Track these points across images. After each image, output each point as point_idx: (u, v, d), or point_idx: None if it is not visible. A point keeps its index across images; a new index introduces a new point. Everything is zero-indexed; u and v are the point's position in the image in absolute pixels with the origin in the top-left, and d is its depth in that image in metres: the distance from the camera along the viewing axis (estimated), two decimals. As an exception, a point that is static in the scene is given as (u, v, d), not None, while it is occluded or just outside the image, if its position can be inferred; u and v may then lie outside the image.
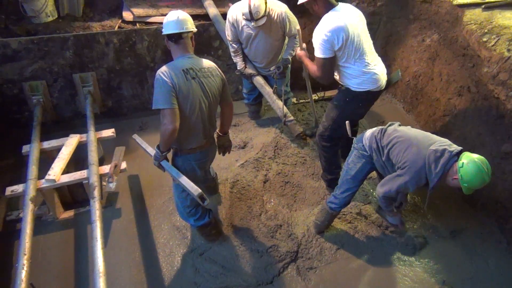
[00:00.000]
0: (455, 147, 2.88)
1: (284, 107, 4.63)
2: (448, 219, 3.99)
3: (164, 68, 2.82)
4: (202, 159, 3.22)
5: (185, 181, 3.05)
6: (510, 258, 3.69)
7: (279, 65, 4.45)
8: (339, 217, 3.92)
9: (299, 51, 3.79)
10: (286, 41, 4.46)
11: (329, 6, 3.37)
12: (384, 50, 5.61)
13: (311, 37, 3.42)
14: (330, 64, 3.40)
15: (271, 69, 4.51)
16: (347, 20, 3.29)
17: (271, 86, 4.68)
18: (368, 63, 3.44)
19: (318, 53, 3.36)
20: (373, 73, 3.45)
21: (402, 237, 3.78)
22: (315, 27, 3.38)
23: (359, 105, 3.68)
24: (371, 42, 3.56)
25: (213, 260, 3.60)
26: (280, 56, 4.52)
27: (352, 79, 3.50)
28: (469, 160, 2.74)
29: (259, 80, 4.66)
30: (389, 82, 3.70)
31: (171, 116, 2.77)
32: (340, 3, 3.41)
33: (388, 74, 3.68)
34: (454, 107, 4.42)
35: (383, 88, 3.59)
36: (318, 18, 3.41)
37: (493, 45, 3.73)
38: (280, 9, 4.16)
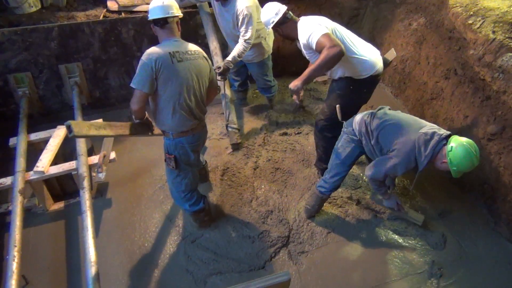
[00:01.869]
0: (444, 131, 2.94)
1: (232, 114, 4.55)
2: (436, 201, 4.04)
3: (150, 50, 2.83)
4: (194, 142, 3.22)
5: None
6: (497, 238, 3.76)
7: (220, 65, 4.14)
8: (330, 201, 3.95)
9: (293, 84, 3.32)
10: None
11: (295, 24, 3.47)
12: (372, 35, 5.62)
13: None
14: (333, 35, 3.21)
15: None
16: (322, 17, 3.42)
17: (247, 75, 4.74)
18: (361, 51, 3.44)
19: (318, 33, 3.17)
20: (368, 59, 3.44)
21: (420, 224, 3.76)
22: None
23: (364, 91, 3.65)
24: (353, 34, 3.56)
25: (205, 247, 3.62)
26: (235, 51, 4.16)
27: (350, 70, 3.48)
28: (458, 144, 2.79)
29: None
30: (385, 62, 3.70)
31: (136, 98, 2.89)
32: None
33: (382, 55, 3.69)
34: (441, 90, 4.46)
35: (381, 70, 3.58)
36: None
37: (478, 28, 3.76)
38: (244, 5, 3.95)
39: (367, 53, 3.46)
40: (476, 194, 4.01)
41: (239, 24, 4.03)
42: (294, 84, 3.29)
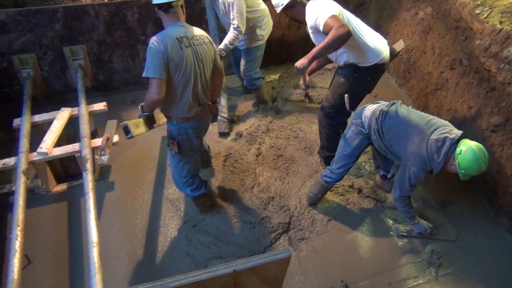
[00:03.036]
0: (455, 133, 2.95)
1: (223, 102, 4.55)
2: (437, 191, 4.05)
3: (157, 37, 2.79)
4: (198, 127, 3.22)
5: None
6: (497, 230, 3.78)
7: None
8: (331, 189, 3.96)
9: (299, 62, 3.30)
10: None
11: (303, 6, 3.45)
12: (378, 24, 5.58)
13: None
14: (340, 16, 3.20)
15: None
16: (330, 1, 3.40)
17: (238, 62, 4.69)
18: (367, 38, 3.42)
19: (325, 14, 3.16)
20: (374, 46, 3.42)
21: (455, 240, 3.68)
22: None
23: (368, 79, 3.62)
24: (360, 21, 3.55)
25: (206, 231, 3.64)
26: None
27: (355, 56, 3.46)
28: (467, 148, 2.83)
29: None
30: (392, 52, 3.68)
31: (157, 87, 2.79)
32: None
33: (390, 45, 3.66)
34: (446, 80, 4.43)
35: (388, 59, 3.55)
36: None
37: (485, 18, 3.72)
38: None
39: (373, 41, 3.44)
40: (477, 185, 4.01)
41: (228, 12, 4.00)
42: (301, 62, 3.27)
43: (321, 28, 3.22)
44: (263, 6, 4.32)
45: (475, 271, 3.46)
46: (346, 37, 3.10)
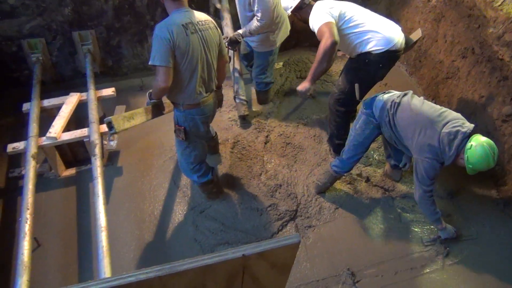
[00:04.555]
0: (467, 127, 2.94)
1: (241, 86, 4.46)
2: (445, 180, 4.02)
3: (163, 24, 2.77)
4: (205, 114, 3.21)
5: None
6: (506, 221, 3.75)
7: (228, 35, 4.09)
8: (339, 178, 3.95)
9: (301, 86, 3.50)
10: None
11: (311, 8, 3.54)
12: (388, 11, 5.51)
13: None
14: (333, 26, 3.32)
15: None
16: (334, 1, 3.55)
17: (251, 62, 4.64)
18: (375, 26, 3.42)
19: (319, 22, 3.33)
20: (383, 33, 3.40)
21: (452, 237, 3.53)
22: None
23: (379, 66, 3.57)
24: (368, 11, 3.59)
25: (213, 217, 3.66)
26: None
27: (365, 44, 3.44)
28: (478, 143, 2.83)
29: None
30: (408, 42, 3.65)
31: (165, 75, 2.78)
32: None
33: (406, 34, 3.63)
34: (457, 69, 4.38)
35: (402, 47, 3.52)
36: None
37: (499, 5, 3.66)
38: None
39: (382, 28, 3.42)
40: (486, 175, 3.97)
41: (252, 3, 3.87)
42: (303, 86, 3.49)
43: (316, 32, 3.38)
44: (283, 11, 4.11)
45: (483, 261, 3.45)
46: (332, 48, 3.26)
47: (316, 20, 3.36)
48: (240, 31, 4.04)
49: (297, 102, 4.88)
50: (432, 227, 3.65)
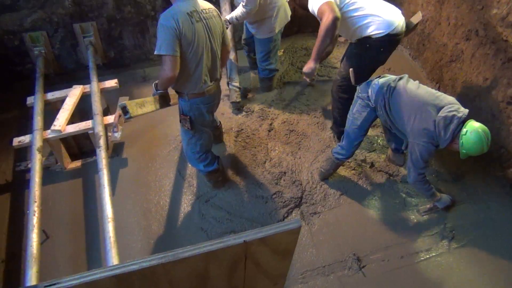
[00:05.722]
0: (463, 112, 2.97)
1: (234, 72, 4.45)
2: (451, 164, 4.01)
3: (168, 13, 2.75)
4: (210, 102, 3.21)
5: None
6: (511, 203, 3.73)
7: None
8: (343, 164, 3.95)
9: (306, 67, 3.45)
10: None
11: None
12: (391, -5, 5.45)
13: None
14: (333, 4, 3.24)
15: None
16: None
17: (253, 48, 4.60)
18: (377, 10, 3.37)
19: (318, 2, 3.24)
20: (383, 17, 3.35)
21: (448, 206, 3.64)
22: None
23: (381, 51, 3.54)
24: None
25: (218, 206, 3.68)
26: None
27: (365, 28, 3.40)
28: (472, 130, 2.88)
29: None
30: (409, 25, 3.61)
31: (171, 63, 2.76)
32: None
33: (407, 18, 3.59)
34: (461, 52, 4.33)
35: (402, 31, 3.47)
36: None
37: (503, -15, 3.60)
38: None
39: (383, 12, 3.37)
40: (492, 158, 3.95)
41: None
42: (308, 66, 3.43)
43: (316, 14, 3.31)
44: None
45: (489, 243, 3.45)
46: (334, 24, 3.19)
47: (316, 1, 3.28)
48: (227, 17, 4.03)
49: (300, 89, 4.87)
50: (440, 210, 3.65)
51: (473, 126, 2.88)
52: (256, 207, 3.68)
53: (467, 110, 2.98)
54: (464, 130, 2.90)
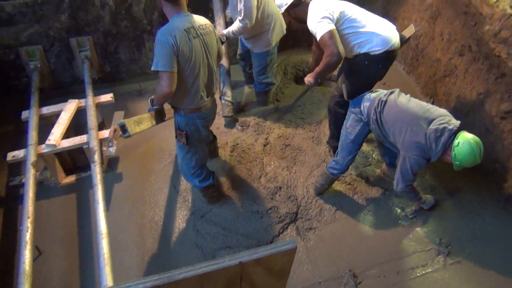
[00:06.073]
0: (454, 124, 2.98)
1: (227, 86, 4.45)
2: (446, 179, 4.02)
3: (165, 29, 2.76)
4: (206, 118, 3.22)
5: None
6: (507, 217, 3.74)
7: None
8: (339, 179, 3.95)
9: (307, 80, 3.58)
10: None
11: (307, 6, 3.51)
12: (385, 10, 5.51)
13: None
14: (336, 35, 3.28)
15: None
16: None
17: (248, 63, 4.64)
18: (373, 27, 3.40)
19: (321, 31, 3.26)
20: (382, 34, 3.38)
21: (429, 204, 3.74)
22: None
23: (379, 67, 3.58)
24: (365, 11, 3.55)
25: (214, 221, 3.66)
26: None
27: (364, 45, 3.43)
28: (464, 141, 2.89)
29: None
30: (402, 38, 3.64)
31: (169, 80, 2.76)
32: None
33: (399, 31, 3.62)
34: (454, 67, 4.37)
35: (398, 46, 3.51)
36: None
37: (495, 2, 3.65)
38: None
39: (381, 29, 3.40)
40: (487, 172, 3.97)
41: (237, 3, 3.84)
42: (308, 80, 3.56)
43: (317, 38, 3.34)
44: (276, 10, 4.11)
45: (484, 259, 3.44)
46: (337, 63, 3.33)
47: (317, 26, 3.28)
48: (224, 32, 4.04)
49: (295, 102, 4.88)
50: (435, 225, 3.65)
51: (465, 137, 2.90)
52: (251, 223, 3.66)
53: (458, 122, 2.99)
54: (456, 141, 2.91)
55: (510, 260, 3.44)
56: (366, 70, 3.55)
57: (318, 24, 3.29)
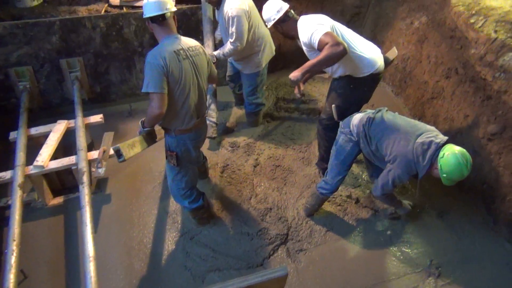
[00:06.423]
0: (441, 138, 2.99)
1: (213, 106, 4.40)
2: (435, 200, 4.04)
3: (155, 51, 2.79)
4: (196, 138, 3.22)
5: None
6: (496, 238, 3.76)
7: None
8: (329, 200, 3.95)
9: (293, 75, 3.26)
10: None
11: (295, 22, 3.47)
12: (373, 33, 5.61)
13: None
14: (334, 33, 3.21)
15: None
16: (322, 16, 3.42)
17: (237, 84, 4.71)
18: (360, 49, 3.42)
19: (318, 33, 3.17)
20: (369, 56, 3.42)
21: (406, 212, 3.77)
22: None
23: (365, 90, 3.63)
24: (353, 32, 3.56)
25: (203, 243, 3.62)
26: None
27: (351, 68, 3.45)
28: (450, 152, 2.87)
29: None
30: (386, 61, 3.68)
31: (159, 101, 2.77)
32: None
33: (383, 53, 3.67)
34: (442, 89, 4.45)
35: (383, 68, 3.55)
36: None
37: (480, 27, 3.74)
38: (229, 6, 3.80)
39: (367, 51, 3.44)
40: (475, 193, 4.00)
41: (228, 26, 3.90)
42: (294, 75, 3.24)
43: (315, 46, 3.22)
44: (266, 32, 4.21)
45: (474, 281, 3.44)
46: (341, 55, 3.10)
47: (314, 31, 3.21)
48: (215, 53, 4.08)
49: (285, 123, 4.91)
50: (426, 246, 3.65)
51: (451, 149, 2.87)
52: (241, 244, 3.63)
53: (445, 137, 2.99)
54: (441, 153, 2.89)
55: (499, 281, 3.44)
56: (352, 93, 3.59)
57: (313, 30, 3.21)
